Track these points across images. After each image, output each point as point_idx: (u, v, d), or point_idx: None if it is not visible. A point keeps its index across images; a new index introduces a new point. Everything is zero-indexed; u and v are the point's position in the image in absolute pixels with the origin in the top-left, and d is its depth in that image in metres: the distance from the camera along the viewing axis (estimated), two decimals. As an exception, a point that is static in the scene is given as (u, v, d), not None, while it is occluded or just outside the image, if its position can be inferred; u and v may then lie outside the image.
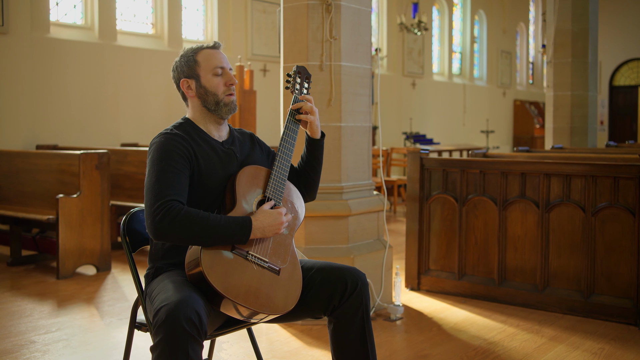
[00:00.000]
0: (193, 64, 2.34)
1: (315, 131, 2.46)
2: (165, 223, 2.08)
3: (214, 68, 2.34)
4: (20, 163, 5.90)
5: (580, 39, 8.44)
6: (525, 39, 19.98)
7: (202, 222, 2.09)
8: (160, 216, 2.08)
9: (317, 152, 2.50)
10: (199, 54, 2.36)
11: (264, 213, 2.20)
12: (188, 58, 2.35)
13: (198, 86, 2.34)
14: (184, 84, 2.36)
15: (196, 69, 2.34)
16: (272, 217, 2.20)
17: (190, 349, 1.89)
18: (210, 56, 2.35)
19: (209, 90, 2.33)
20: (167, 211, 2.08)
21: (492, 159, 4.87)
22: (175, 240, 2.12)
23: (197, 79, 2.34)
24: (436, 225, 4.76)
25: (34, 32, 7.64)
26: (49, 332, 3.81)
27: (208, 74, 2.34)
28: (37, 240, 5.84)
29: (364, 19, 4.23)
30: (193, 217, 2.09)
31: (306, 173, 2.52)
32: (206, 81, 2.33)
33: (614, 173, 4.06)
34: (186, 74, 2.35)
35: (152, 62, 9.04)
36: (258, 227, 2.16)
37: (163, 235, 2.10)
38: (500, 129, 18.10)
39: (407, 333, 3.86)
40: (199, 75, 2.34)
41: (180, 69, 2.36)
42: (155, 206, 2.10)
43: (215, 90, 2.33)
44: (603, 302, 4.06)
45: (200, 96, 2.35)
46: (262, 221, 2.18)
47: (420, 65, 14.94)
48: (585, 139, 8.59)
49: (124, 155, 6.50)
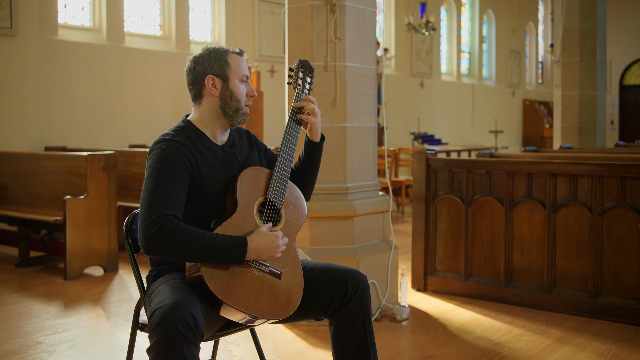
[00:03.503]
0: (225, 64, 2.29)
1: (316, 133, 2.42)
2: (158, 239, 2.03)
3: (242, 75, 2.31)
4: (28, 164, 5.94)
5: (589, 38, 8.39)
6: (534, 38, 19.90)
7: (195, 241, 2.04)
8: (153, 231, 2.03)
9: (315, 155, 2.47)
10: (229, 56, 2.31)
11: (260, 234, 2.15)
12: (219, 57, 2.29)
13: (225, 88, 2.29)
14: (210, 81, 2.29)
15: (227, 71, 2.29)
16: (269, 240, 2.15)
17: (186, 351, 1.89)
18: (240, 62, 2.32)
19: (234, 95, 2.29)
20: (161, 227, 2.03)
21: (498, 159, 4.84)
22: (167, 256, 2.08)
23: (225, 81, 2.29)
24: (442, 225, 4.75)
25: (42, 34, 7.68)
26: (56, 333, 3.83)
27: (237, 78, 2.30)
28: (45, 241, 5.87)
29: (368, 20, 4.23)
30: (186, 235, 2.04)
31: (302, 175, 2.49)
32: (234, 86, 2.29)
33: (621, 173, 4.03)
34: (215, 72, 2.28)
35: (160, 64, 9.07)
36: (253, 248, 2.12)
37: (155, 251, 2.06)
38: (509, 129, 18.03)
39: (413, 334, 3.85)
40: (228, 78, 2.29)
41: (208, 64, 2.29)
42: (149, 220, 2.05)
43: (240, 97, 2.30)
44: (610, 303, 4.04)
45: (223, 98, 2.29)
46: (258, 242, 2.13)
47: (428, 66, 14.91)
48: (594, 138, 8.53)
49: (132, 156, 6.52)
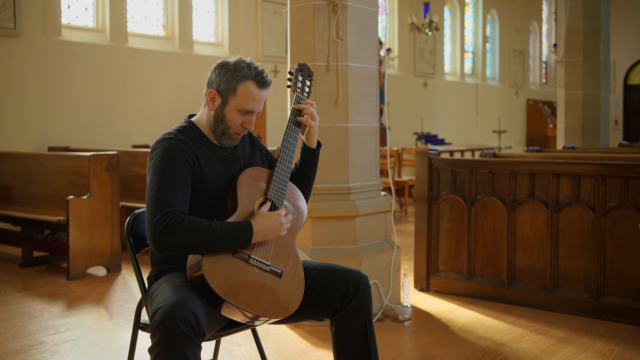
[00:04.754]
0: (231, 88, 2.25)
1: (313, 138, 2.42)
2: (167, 235, 2.06)
3: (244, 109, 2.27)
4: (31, 165, 5.95)
5: (592, 38, 8.37)
6: (538, 38, 19.85)
7: (203, 232, 2.08)
8: (161, 228, 2.07)
9: (311, 162, 2.47)
10: (245, 83, 2.24)
11: (263, 216, 2.18)
12: (235, 78, 2.24)
13: (220, 109, 2.28)
14: (210, 94, 2.28)
15: (229, 95, 2.25)
16: (272, 219, 2.18)
17: (188, 350, 1.89)
18: (250, 96, 2.25)
19: (225, 120, 2.28)
20: (169, 223, 2.07)
21: (500, 159, 4.83)
22: (177, 252, 2.11)
23: (224, 102, 2.27)
24: (445, 225, 4.74)
25: (45, 34, 7.70)
26: (58, 333, 3.84)
27: (235, 107, 2.26)
28: (48, 241, 5.88)
29: (370, 19, 4.22)
30: (195, 227, 2.07)
31: (298, 182, 2.48)
32: (229, 111, 2.27)
33: (624, 173, 4.02)
34: (220, 89, 2.26)
35: (163, 64, 9.08)
36: (259, 230, 2.15)
37: (165, 248, 2.09)
38: (513, 129, 18.00)
39: (415, 334, 3.85)
40: (227, 101, 2.26)
41: (218, 79, 2.26)
42: (156, 218, 2.08)
43: (230, 124, 2.28)
44: (613, 303, 4.02)
45: (215, 116, 2.29)
46: (262, 224, 2.16)
47: (431, 65, 14.89)
48: (597, 138, 8.51)
49: (135, 156, 6.53)
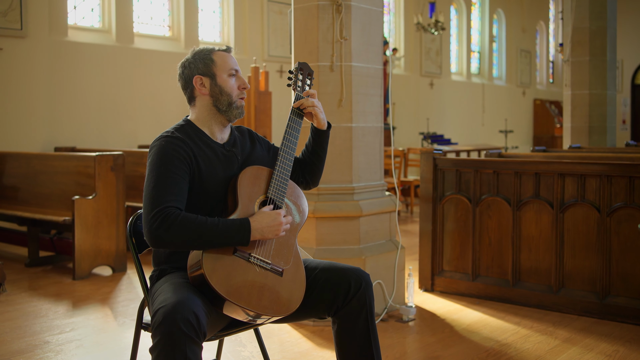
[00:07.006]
0: (210, 62, 2.33)
1: (321, 123, 2.45)
2: (162, 230, 2.07)
3: (230, 69, 2.35)
4: (38, 165, 5.98)
5: (598, 37, 8.33)
6: (545, 37, 19.78)
7: (199, 227, 2.08)
8: (157, 224, 2.08)
9: (322, 141, 2.51)
10: (214, 54, 2.35)
11: (262, 214, 2.19)
12: (204, 56, 2.34)
13: (213, 84, 2.33)
14: (197, 81, 2.33)
15: (212, 68, 2.33)
16: (271, 218, 2.18)
17: (189, 350, 1.90)
18: (226, 57, 2.36)
19: (224, 90, 2.33)
20: (164, 218, 2.08)
21: (505, 159, 4.82)
22: (173, 247, 2.12)
23: (212, 78, 2.33)
24: (450, 225, 4.73)
25: (52, 35, 7.73)
26: (63, 333, 3.85)
27: (224, 74, 2.34)
28: (54, 241, 5.91)
29: (375, 19, 4.22)
30: (190, 223, 2.09)
31: (311, 161, 2.53)
32: (222, 81, 2.33)
33: (629, 173, 4.00)
34: (201, 71, 2.33)
35: (169, 64, 9.09)
36: (257, 228, 2.15)
37: (161, 243, 2.10)
38: (520, 129, 17.94)
39: (419, 334, 3.84)
40: (214, 74, 2.33)
41: (193, 65, 2.34)
42: (152, 214, 2.10)
43: (230, 91, 2.34)
44: (618, 304, 4.01)
45: (213, 95, 2.34)
46: (261, 222, 2.16)
47: (438, 65, 14.86)
48: (604, 138, 8.47)
49: (140, 156, 6.54)
